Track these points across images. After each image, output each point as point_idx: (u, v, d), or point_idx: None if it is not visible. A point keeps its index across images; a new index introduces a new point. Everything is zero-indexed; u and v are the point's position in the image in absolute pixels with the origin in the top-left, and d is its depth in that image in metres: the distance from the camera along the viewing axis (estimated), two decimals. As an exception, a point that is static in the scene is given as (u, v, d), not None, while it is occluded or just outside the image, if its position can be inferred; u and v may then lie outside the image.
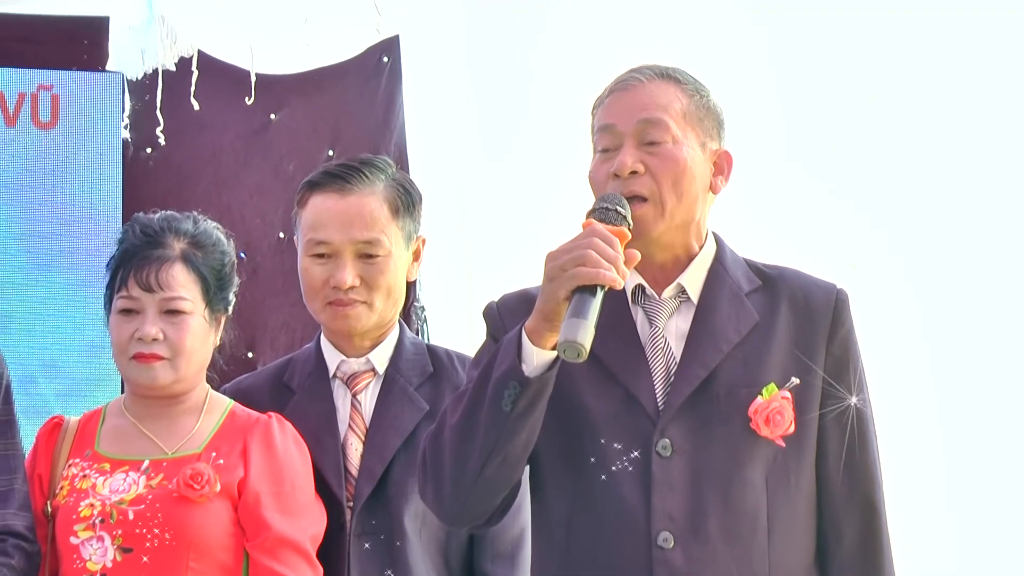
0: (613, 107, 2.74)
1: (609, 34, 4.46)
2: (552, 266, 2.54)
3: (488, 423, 2.58)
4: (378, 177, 3.29)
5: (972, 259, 4.30)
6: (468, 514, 2.73)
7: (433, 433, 2.70)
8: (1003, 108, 4.30)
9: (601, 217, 2.60)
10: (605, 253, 2.51)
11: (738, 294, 2.75)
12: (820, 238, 4.25)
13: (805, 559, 2.72)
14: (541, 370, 2.55)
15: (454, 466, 2.64)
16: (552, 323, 2.53)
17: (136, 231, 3.21)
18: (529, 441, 2.63)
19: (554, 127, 4.64)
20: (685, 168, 2.69)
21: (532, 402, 2.57)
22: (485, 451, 2.59)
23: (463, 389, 2.67)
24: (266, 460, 3.16)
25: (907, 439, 4.18)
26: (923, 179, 4.35)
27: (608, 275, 2.50)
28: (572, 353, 2.47)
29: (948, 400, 4.31)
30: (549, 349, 2.55)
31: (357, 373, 3.31)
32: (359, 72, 4.93)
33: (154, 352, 3.14)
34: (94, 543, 3.08)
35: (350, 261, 3.24)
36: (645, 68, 2.77)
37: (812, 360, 2.72)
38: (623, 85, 2.75)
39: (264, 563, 3.10)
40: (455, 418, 2.64)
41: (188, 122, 4.85)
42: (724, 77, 3.96)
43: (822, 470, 2.73)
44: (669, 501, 2.64)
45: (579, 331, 2.46)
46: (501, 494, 2.70)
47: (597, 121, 2.76)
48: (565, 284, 2.51)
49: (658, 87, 2.73)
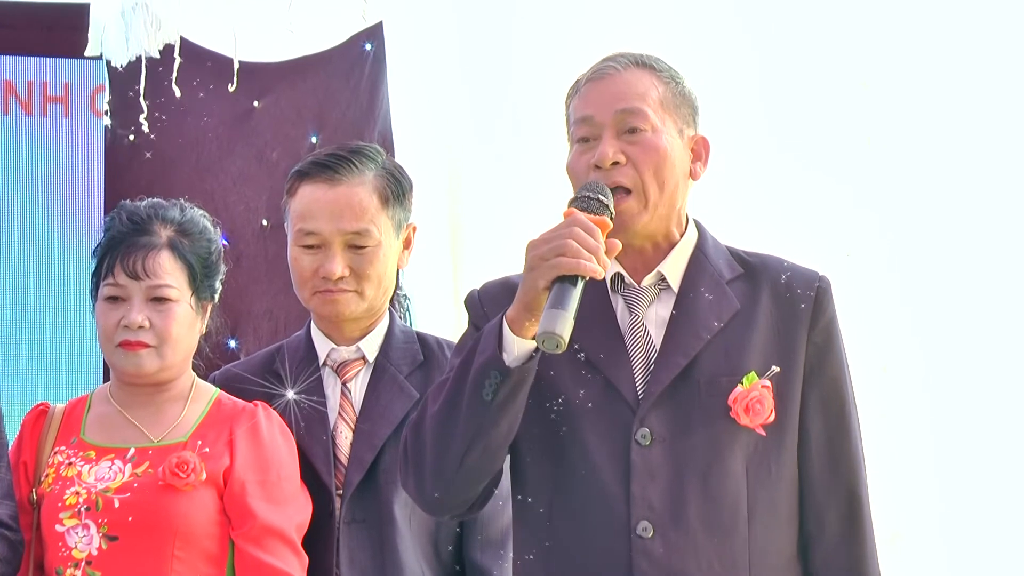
0: (590, 97, 2.72)
1: (600, 20, 4.45)
2: (532, 255, 2.54)
3: (469, 412, 2.57)
4: (368, 166, 3.29)
5: (966, 247, 4.30)
6: (449, 503, 2.72)
7: (414, 421, 2.69)
8: (996, 94, 4.30)
9: (583, 206, 2.59)
10: (586, 243, 2.51)
11: (719, 282, 2.74)
12: (813, 226, 4.24)
13: (787, 549, 2.72)
14: (522, 360, 2.55)
15: (435, 455, 2.63)
16: (533, 312, 2.53)
17: (123, 218, 3.20)
18: (510, 430, 2.63)
19: (542, 114, 4.62)
20: (666, 156, 2.69)
21: (513, 391, 2.56)
22: (466, 440, 2.59)
23: (443, 378, 2.66)
24: (252, 449, 3.15)
25: (897, 428, 4.19)
26: (916, 166, 4.35)
27: (589, 266, 2.50)
28: (551, 344, 2.47)
29: (939, 387, 4.31)
30: (530, 339, 2.54)
31: (347, 361, 3.31)
32: (343, 59, 4.92)
33: (140, 340, 3.14)
34: (79, 531, 3.07)
35: (339, 251, 3.24)
36: (620, 56, 2.75)
37: (794, 348, 2.71)
38: (599, 74, 2.73)
39: (249, 551, 3.10)
40: (436, 407, 2.63)
41: (171, 109, 4.84)
42: (715, 63, 3.97)
43: (804, 459, 2.72)
44: (649, 490, 2.63)
45: (558, 322, 2.46)
46: (482, 483, 2.69)
47: (574, 112, 2.75)
48: (545, 274, 2.51)
49: (634, 75, 2.72)
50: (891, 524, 3.91)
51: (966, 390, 4.27)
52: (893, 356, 4.23)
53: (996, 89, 4.30)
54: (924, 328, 4.31)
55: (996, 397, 4.25)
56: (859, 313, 2.77)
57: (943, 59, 4.33)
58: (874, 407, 2.83)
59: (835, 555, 2.72)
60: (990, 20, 4.30)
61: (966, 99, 4.30)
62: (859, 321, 2.78)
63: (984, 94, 4.31)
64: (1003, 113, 4.30)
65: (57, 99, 4.85)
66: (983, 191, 4.31)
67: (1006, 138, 4.30)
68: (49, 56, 4.88)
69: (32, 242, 4.81)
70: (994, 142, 4.31)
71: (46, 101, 4.85)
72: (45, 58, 4.88)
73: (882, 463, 2.89)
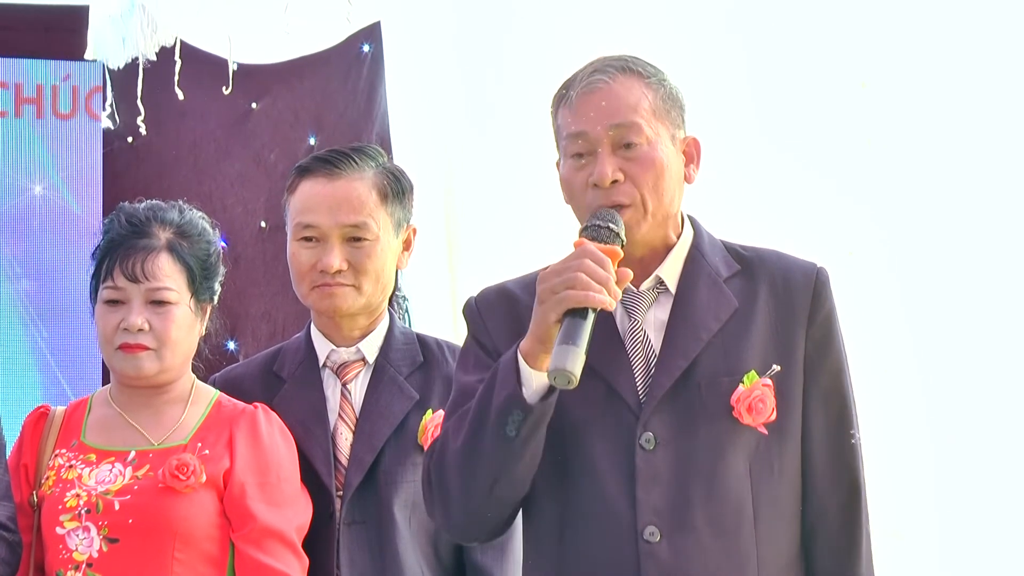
0: (581, 112, 2.69)
1: (597, 21, 4.45)
2: (543, 288, 2.54)
3: (492, 449, 2.58)
4: (368, 164, 3.30)
5: (966, 246, 4.29)
6: (477, 530, 2.76)
7: (437, 454, 2.69)
8: (996, 94, 4.29)
9: (593, 235, 2.59)
10: (596, 275, 2.51)
11: (716, 280, 2.73)
12: (813, 226, 4.23)
13: (792, 545, 2.72)
14: (541, 393, 2.56)
15: (462, 489, 2.64)
16: (546, 345, 2.54)
17: (121, 221, 3.20)
18: (534, 459, 2.64)
19: (540, 116, 4.61)
20: (663, 169, 2.68)
21: (535, 426, 2.58)
22: (491, 475, 2.61)
23: (465, 410, 2.65)
24: (252, 451, 3.15)
25: (896, 425, 4.19)
26: (916, 166, 4.34)
27: (598, 298, 2.50)
28: (563, 381, 2.48)
29: (940, 383, 4.29)
30: (545, 371, 2.54)
31: (347, 363, 3.32)
32: (340, 60, 4.92)
33: (140, 342, 3.14)
34: (80, 533, 3.08)
35: (337, 244, 3.24)
36: (607, 65, 2.71)
37: (793, 343, 2.71)
38: (588, 88, 2.69)
39: (249, 554, 3.10)
40: (458, 442, 2.63)
41: (169, 111, 4.84)
42: (713, 63, 3.96)
43: (806, 452, 2.72)
44: (654, 494, 2.64)
45: (568, 359, 2.47)
46: (509, 510, 2.72)
47: (566, 126, 2.72)
48: (555, 307, 2.52)
49: (623, 85, 2.69)
50: (891, 523, 3.91)
51: (967, 384, 4.27)
52: (894, 353, 4.23)
53: (996, 89, 4.29)
54: (924, 327, 4.30)
55: (996, 396, 4.24)
56: (858, 311, 2.77)
57: (941, 59, 4.32)
58: (874, 405, 2.83)
59: (836, 550, 2.73)
60: (989, 20, 4.29)
61: (965, 99, 4.30)
62: (858, 319, 2.78)
63: (984, 94, 4.30)
64: (1004, 113, 4.30)
65: (56, 101, 4.85)
66: (983, 190, 4.30)
67: (1007, 138, 4.30)
68: (48, 58, 4.88)
69: (31, 243, 4.81)
70: (994, 142, 4.30)
71: (45, 103, 4.85)
72: (44, 60, 4.88)
73: (882, 462, 2.89)
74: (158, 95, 4.80)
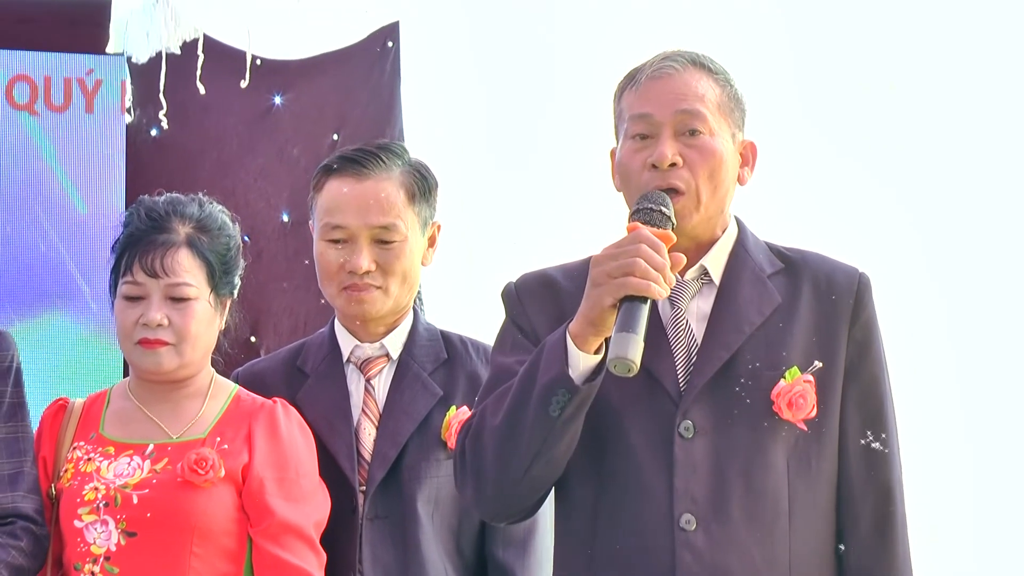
0: (649, 95, 2.72)
1: (617, 18, 4.44)
2: (598, 271, 2.54)
3: (534, 428, 2.58)
4: (395, 162, 3.29)
5: (994, 246, 4.29)
6: (508, 511, 2.75)
7: (473, 432, 2.69)
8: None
9: (646, 219, 2.59)
10: (653, 261, 2.51)
11: (760, 276, 2.75)
12: (838, 227, 4.23)
13: (826, 546, 2.72)
14: (587, 374, 2.55)
15: (498, 468, 2.64)
16: (597, 328, 2.54)
17: (141, 215, 3.19)
18: (572, 442, 2.64)
19: (557, 112, 4.63)
20: (721, 161, 2.70)
21: (579, 408, 2.58)
22: (530, 454, 2.60)
23: (504, 388, 2.66)
24: (271, 446, 3.15)
25: (930, 424, 4.17)
26: (943, 166, 4.34)
27: (656, 288, 2.50)
28: (623, 369, 2.47)
29: (972, 384, 4.30)
30: (593, 353, 2.55)
31: (371, 358, 3.31)
32: (363, 57, 4.92)
33: (159, 338, 3.13)
34: (98, 527, 3.07)
35: (366, 246, 3.24)
36: (677, 55, 2.76)
37: (836, 342, 2.72)
38: (659, 72, 2.73)
39: (267, 549, 3.09)
40: (497, 420, 2.63)
41: (192, 106, 4.85)
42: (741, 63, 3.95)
43: (841, 454, 2.73)
44: (691, 483, 2.64)
45: (630, 347, 2.46)
46: (542, 491, 2.73)
47: (630, 108, 2.74)
48: (613, 292, 2.51)
49: (692, 76, 2.73)
50: (927, 521, 3.90)
51: (1000, 383, 4.26)
52: (924, 352, 4.21)
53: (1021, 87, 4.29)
54: (955, 327, 4.29)
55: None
56: (887, 312, 2.76)
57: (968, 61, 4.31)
58: (911, 409, 2.83)
59: (869, 550, 2.72)
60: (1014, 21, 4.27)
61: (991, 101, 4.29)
62: (887, 319, 2.77)
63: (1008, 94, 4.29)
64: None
65: (80, 94, 4.86)
66: (1010, 192, 4.29)
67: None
68: (72, 52, 4.89)
69: (54, 236, 4.82)
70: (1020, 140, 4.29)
71: (69, 97, 4.86)
72: (68, 54, 4.89)
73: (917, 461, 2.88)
74: (181, 90, 4.80)
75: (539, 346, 2.62)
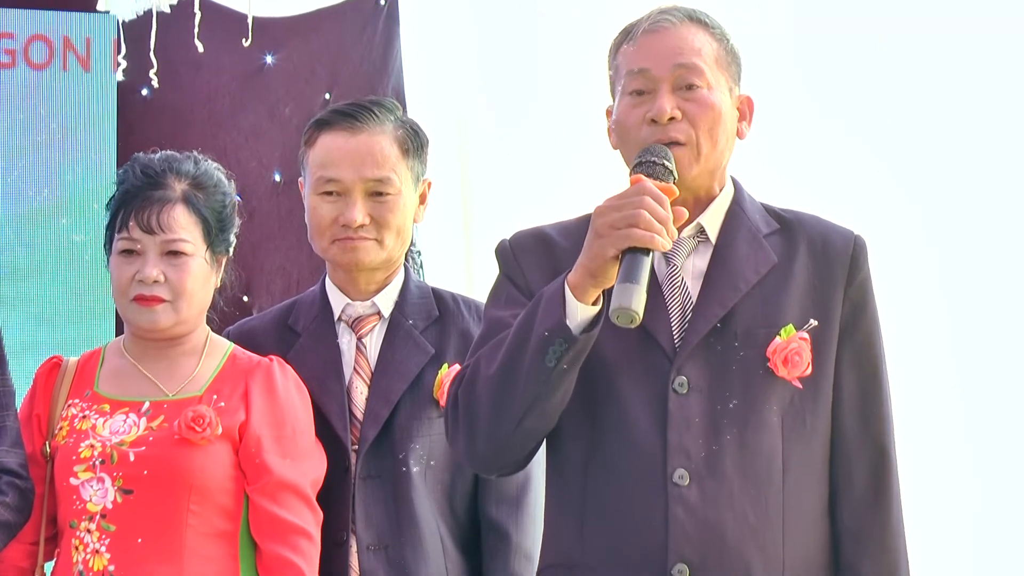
0: (646, 50, 2.73)
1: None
2: (601, 222, 2.53)
3: (529, 377, 2.58)
4: (387, 117, 3.29)
5: (985, 204, 4.29)
6: (499, 462, 2.75)
7: (467, 381, 2.68)
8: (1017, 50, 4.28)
9: (648, 172, 2.59)
10: (657, 214, 2.51)
11: (756, 235, 2.75)
12: (830, 183, 4.23)
13: (819, 505, 2.73)
14: (584, 325, 2.55)
15: (491, 417, 2.64)
16: (597, 279, 2.54)
17: (136, 171, 3.18)
18: (567, 394, 2.64)
19: (554, 71, 4.62)
20: (720, 114, 2.71)
21: (575, 359, 2.57)
22: (524, 404, 2.60)
23: (499, 338, 2.65)
24: (267, 404, 3.15)
25: (924, 389, 4.18)
26: (934, 123, 4.33)
27: (659, 240, 2.50)
28: (626, 319, 2.47)
29: (964, 345, 4.30)
30: (591, 304, 2.55)
31: (362, 316, 3.31)
32: (356, 14, 4.90)
33: (155, 294, 3.12)
34: (94, 484, 3.07)
35: (360, 199, 3.23)
36: (674, 9, 2.76)
37: (831, 302, 2.72)
38: (655, 26, 2.73)
39: (264, 506, 3.10)
40: (492, 369, 2.63)
41: (183, 64, 4.83)
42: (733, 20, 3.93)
43: (836, 414, 2.73)
44: (685, 438, 2.64)
45: (633, 297, 2.46)
46: (533, 443, 2.72)
47: (628, 63, 2.74)
48: (616, 243, 2.51)
49: (689, 30, 2.73)
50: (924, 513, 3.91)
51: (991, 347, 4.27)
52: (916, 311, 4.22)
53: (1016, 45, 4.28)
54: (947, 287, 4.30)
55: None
56: (878, 270, 2.77)
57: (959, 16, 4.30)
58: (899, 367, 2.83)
59: (862, 509, 2.73)
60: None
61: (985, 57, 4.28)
62: (879, 279, 2.78)
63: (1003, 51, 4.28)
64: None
65: (70, 53, 4.84)
66: (1001, 148, 4.29)
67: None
68: (62, 10, 4.86)
69: (45, 195, 4.80)
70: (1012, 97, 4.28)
71: (60, 55, 4.84)
72: (58, 12, 4.86)
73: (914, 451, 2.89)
74: (172, 48, 4.78)
75: (535, 297, 2.62)
